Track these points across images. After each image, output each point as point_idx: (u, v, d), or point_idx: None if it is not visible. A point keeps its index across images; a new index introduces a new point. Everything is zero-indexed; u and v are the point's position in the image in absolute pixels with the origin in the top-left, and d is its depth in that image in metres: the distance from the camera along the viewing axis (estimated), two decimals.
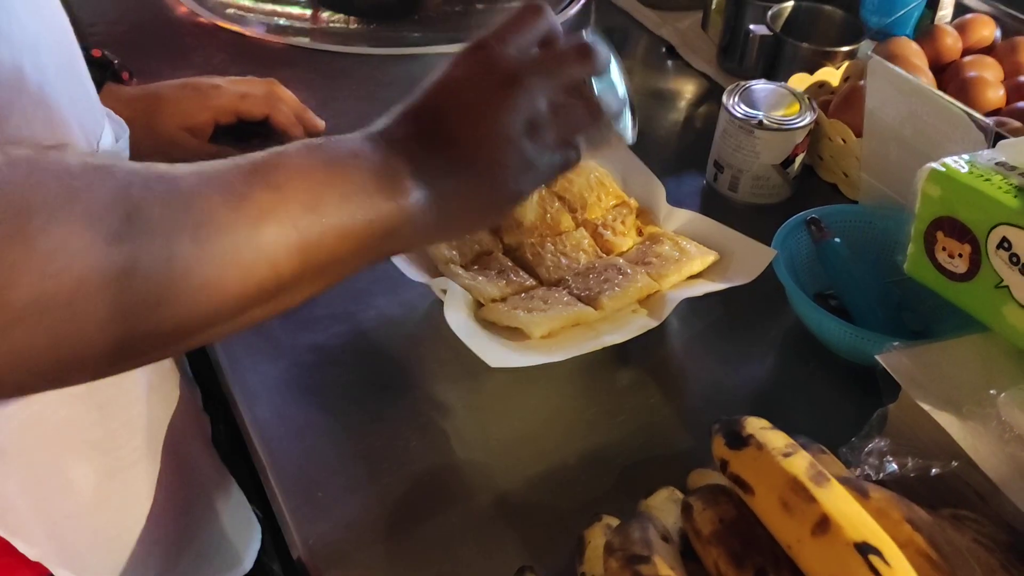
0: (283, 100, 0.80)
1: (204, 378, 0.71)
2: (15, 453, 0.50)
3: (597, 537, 0.50)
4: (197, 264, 0.36)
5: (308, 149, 0.43)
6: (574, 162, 0.53)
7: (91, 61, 0.75)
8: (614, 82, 0.54)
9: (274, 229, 0.39)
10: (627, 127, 0.56)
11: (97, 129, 0.53)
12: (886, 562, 0.37)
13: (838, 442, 0.54)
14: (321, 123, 0.84)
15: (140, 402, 0.57)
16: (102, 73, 0.77)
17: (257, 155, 0.41)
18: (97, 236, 0.34)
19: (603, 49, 0.51)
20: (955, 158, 0.59)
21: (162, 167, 0.38)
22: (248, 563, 0.71)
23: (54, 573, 0.54)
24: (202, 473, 0.67)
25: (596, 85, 0.52)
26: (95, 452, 0.54)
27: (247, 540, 0.72)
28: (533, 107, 0.47)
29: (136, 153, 0.59)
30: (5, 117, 0.42)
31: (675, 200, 0.77)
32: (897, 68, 0.71)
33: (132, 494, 0.58)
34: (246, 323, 0.41)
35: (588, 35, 0.53)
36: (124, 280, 0.34)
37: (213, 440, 0.70)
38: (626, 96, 0.55)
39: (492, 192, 0.48)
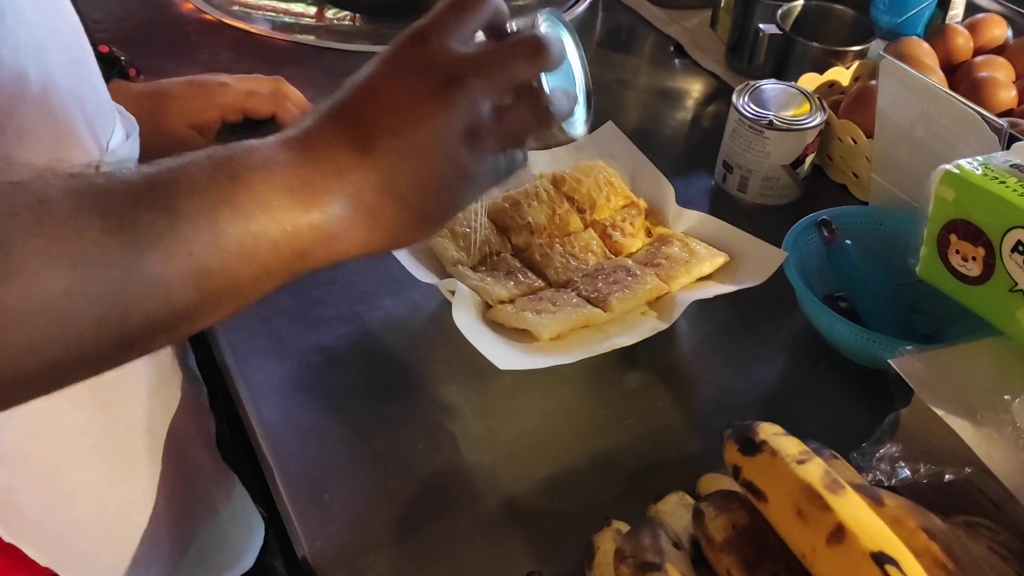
0: (290, 98, 0.80)
1: (208, 375, 0.70)
2: (22, 460, 0.50)
3: (607, 543, 0.50)
4: (67, 301, 0.33)
5: (211, 163, 0.38)
6: (519, 166, 0.47)
7: (98, 57, 0.74)
8: (571, 73, 0.48)
9: (164, 257, 0.35)
10: (578, 122, 0.49)
11: (107, 128, 0.52)
12: (903, 572, 0.36)
13: (848, 446, 0.54)
14: None
15: (142, 404, 0.56)
16: (109, 69, 0.76)
17: (153, 169, 0.37)
18: None
19: (556, 39, 0.45)
20: (969, 160, 0.58)
21: (34, 186, 0.33)
22: (250, 561, 0.70)
23: None
24: (203, 473, 0.67)
25: (549, 80, 0.45)
26: (99, 456, 0.54)
27: (249, 538, 0.71)
28: (473, 112, 0.42)
29: (142, 152, 0.58)
30: (5, 121, 0.42)
31: (683, 200, 0.76)
32: (909, 68, 0.70)
33: (135, 497, 0.57)
34: (140, 353, 0.38)
35: (542, 19, 0.47)
36: None
37: (216, 438, 0.70)
38: (584, 86, 0.48)
39: (424, 207, 0.43)
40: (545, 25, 0.47)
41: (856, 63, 0.90)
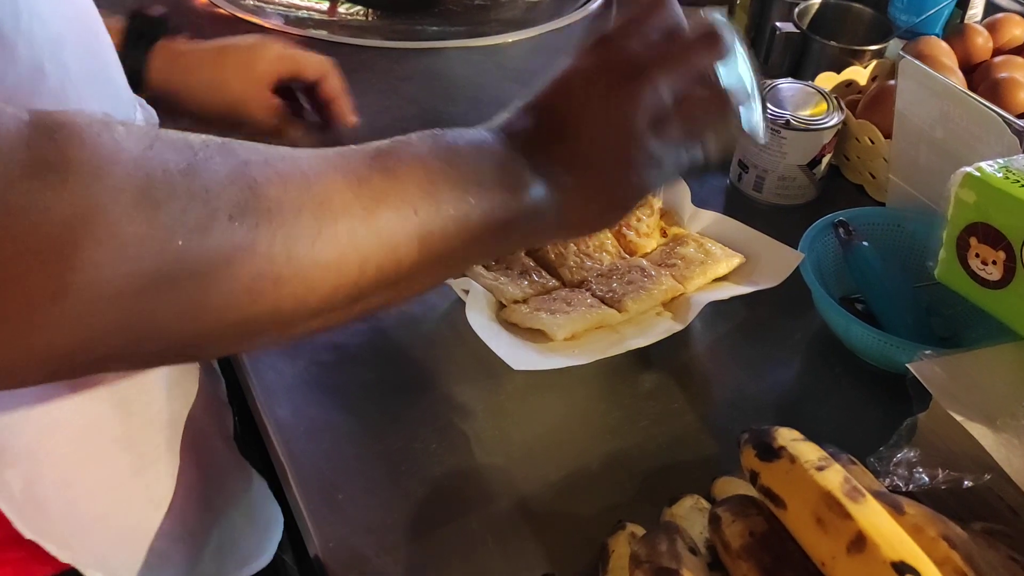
0: (335, 72, 0.79)
1: (223, 370, 0.70)
2: (42, 456, 0.50)
3: (621, 546, 0.50)
4: (317, 244, 0.36)
5: (430, 138, 0.42)
6: (700, 161, 0.50)
7: (150, 21, 0.74)
8: (740, 73, 0.51)
9: (393, 215, 0.39)
10: (757, 123, 0.52)
11: (127, 119, 0.52)
12: None
13: (864, 451, 0.53)
14: (353, 118, 0.82)
15: (160, 398, 0.56)
16: (158, 30, 0.76)
17: (379, 142, 0.41)
18: (217, 211, 0.34)
19: (728, 33, 0.49)
20: (990, 162, 0.57)
21: (283, 148, 0.38)
22: (268, 555, 0.70)
23: (85, 575, 0.54)
24: (222, 467, 0.66)
25: (723, 75, 0.49)
26: (119, 450, 0.54)
27: (267, 532, 0.71)
28: (658, 101, 0.46)
29: (205, 112, 0.59)
30: None
31: (698, 200, 0.76)
32: (929, 69, 0.69)
33: (154, 491, 0.57)
34: (364, 310, 0.41)
35: (713, 17, 0.50)
36: (243, 256, 0.34)
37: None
38: (754, 88, 0.51)
39: (614, 190, 0.47)
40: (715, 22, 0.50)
41: (874, 62, 0.89)
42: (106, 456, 0.53)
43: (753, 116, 0.51)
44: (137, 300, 0.33)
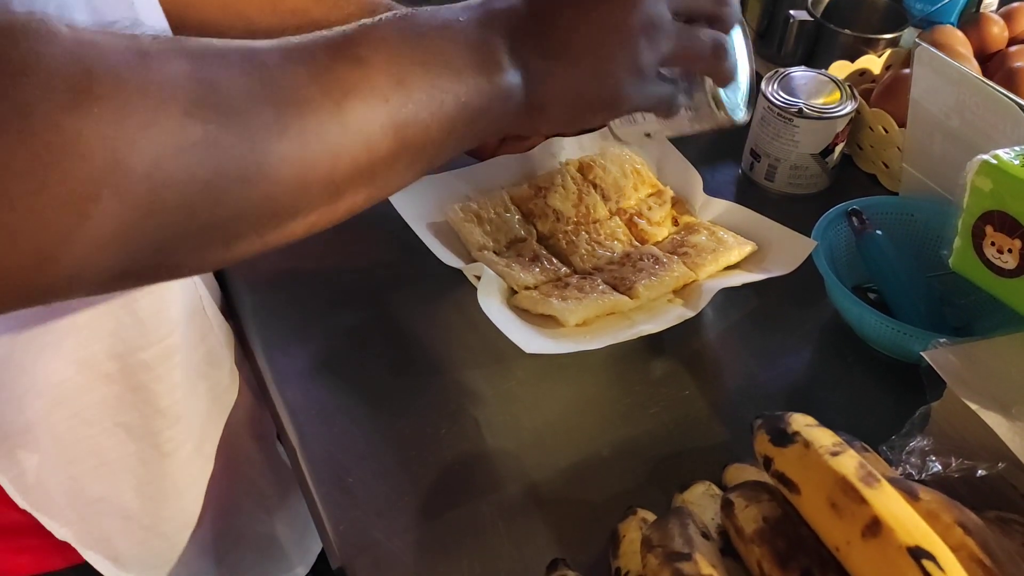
0: None
1: None
2: (44, 430, 0.50)
3: (632, 531, 0.49)
4: (283, 139, 0.35)
5: (398, 21, 0.41)
6: (678, 104, 0.49)
7: None
8: (738, 51, 0.51)
9: (363, 105, 0.37)
10: (739, 105, 0.52)
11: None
12: (940, 568, 0.36)
13: (875, 440, 0.53)
14: None
15: (179, 389, 0.56)
16: None
17: (343, 28, 0.39)
18: (172, 106, 0.32)
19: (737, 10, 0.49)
20: (1007, 150, 0.57)
21: (241, 42, 0.36)
22: (307, 564, 0.69)
23: (82, 555, 0.54)
24: (258, 472, 0.66)
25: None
26: (129, 437, 0.54)
27: (302, 544, 0.70)
28: (656, 10, 0.44)
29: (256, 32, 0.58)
30: None
31: (710, 189, 0.75)
32: (945, 57, 0.69)
33: (171, 484, 0.57)
34: (347, 210, 0.40)
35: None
36: (203, 154, 0.33)
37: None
38: (748, 76, 0.51)
39: (591, 85, 0.45)
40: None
41: (888, 51, 0.89)
42: (113, 439, 0.53)
43: (737, 95, 0.51)
44: (85, 205, 0.30)
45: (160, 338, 0.53)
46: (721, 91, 0.52)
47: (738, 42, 0.52)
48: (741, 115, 0.53)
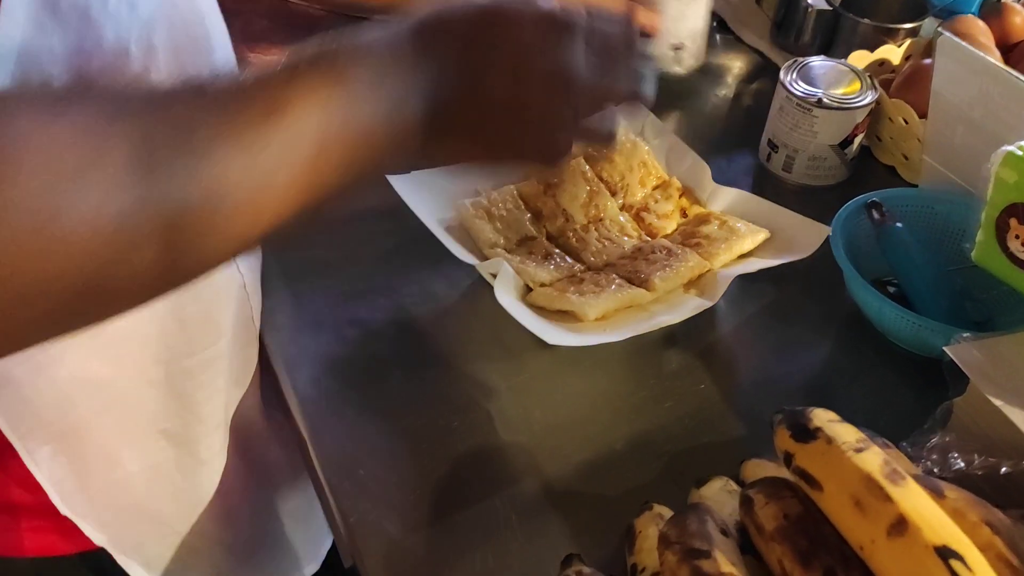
0: None
1: None
2: (89, 433, 0.50)
3: (648, 527, 0.49)
4: (199, 180, 0.33)
5: (317, 52, 0.38)
6: (602, 138, 0.48)
7: None
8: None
9: (270, 157, 0.35)
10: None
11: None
12: (968, 568, 0.35)
13: (895, 436, 0.52)
14: None
15: (219, 396, 0.56)
16: None
17: (267, 71, 0.37)
18: (82, 167, 0.30)
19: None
20: None
21: (162, 88, 0.34)
22: (316, 562, 0.69)
23: (117, 559, 0.54)
24: (277, 474, 0.66)
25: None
26: (169, 443, 0.53)
27: (318, 537, 0.70)
28: (573, 49, 0.43)
29: None
30: None
31: (725, 180, 0.74)
32: (968, 46, 0.67)
33: (205, 491, 0.57)
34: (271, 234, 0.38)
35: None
36: (125, 216, 0.31)
37: None
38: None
39: (497, 125, 0.43)
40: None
41: (908, 41, 0.87)
42: (152, 446, 0.53)
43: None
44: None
45: (205, 346, 0.53)
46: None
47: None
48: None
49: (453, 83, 0.41)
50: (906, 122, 0.78)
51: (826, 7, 0.90)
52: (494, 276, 0.61)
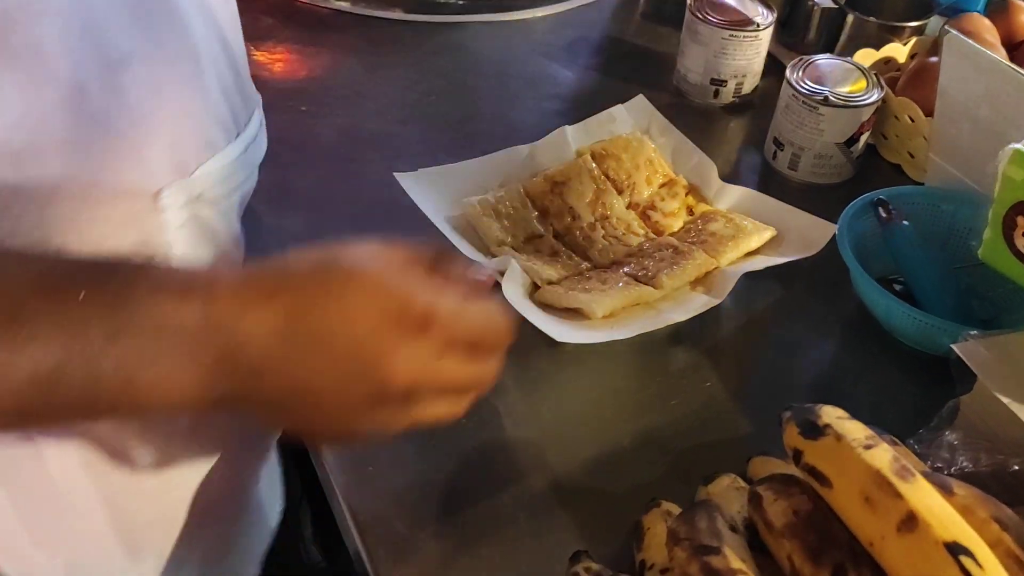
0: None
1: None
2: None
3: (656, 524, 0.49)
4: None
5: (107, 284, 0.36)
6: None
7: None
8: None
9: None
10: None
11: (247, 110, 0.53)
12: (978, 564, 0.35)
13: (901, 433, 0.52)
14: None
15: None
16: None
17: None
18: None
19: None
20: None
21: None
22: (274, 523, 0.70)
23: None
24: (252, 444, 0.66)
25: None
26: (157, 437, 0.53)
27: (274, 501, 0.71)
28: (422, 344, 0.39)
29: None
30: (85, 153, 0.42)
31: (731, 178, 0.75)
32: (976, 44, 0.68)
33: (193, 472, 0.57)
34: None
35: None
36: None
37: None
38: None
39: (316, 402, 0.40)
40: None
41: (913, 39, 0.87)
42: (141, 440, 0.53)
43: None
44: None
45: None
46: None
47: None
48: None
49: (264, 354, 0.37)
50: (912, 120, 0.79)
51: (832, 5, 0.90)
52: (501, 274, 0.62)
